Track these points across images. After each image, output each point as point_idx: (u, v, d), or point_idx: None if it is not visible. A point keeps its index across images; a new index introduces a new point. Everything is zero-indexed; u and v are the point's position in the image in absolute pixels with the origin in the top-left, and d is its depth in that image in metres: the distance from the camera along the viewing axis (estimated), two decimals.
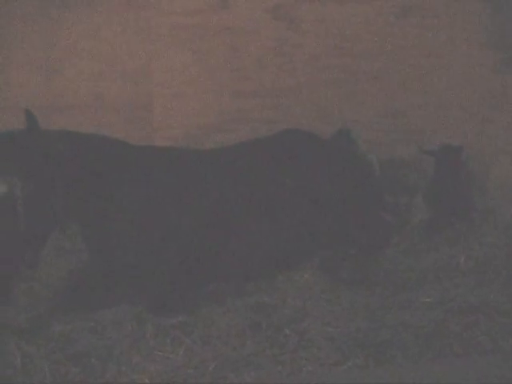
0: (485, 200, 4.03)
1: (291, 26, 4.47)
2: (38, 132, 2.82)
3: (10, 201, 2.74)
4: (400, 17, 4.48)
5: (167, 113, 4.49)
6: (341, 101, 4.54)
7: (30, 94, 4.41)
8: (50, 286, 3.17)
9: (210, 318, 2.92)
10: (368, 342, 2.72)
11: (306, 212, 3.32)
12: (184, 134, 4.48)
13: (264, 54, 4.49)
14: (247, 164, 3.35)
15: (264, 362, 2.64)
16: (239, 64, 4.49)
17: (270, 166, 3.37)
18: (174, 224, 3.05)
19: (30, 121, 2.82)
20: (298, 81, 4.52)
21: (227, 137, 4.46)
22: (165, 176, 3.12)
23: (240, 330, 2.82)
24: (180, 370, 2.64)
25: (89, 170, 2.94)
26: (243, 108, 4.52)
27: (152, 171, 3.10)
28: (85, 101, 4.46)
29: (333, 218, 3.38)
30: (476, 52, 4.47)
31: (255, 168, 3.34)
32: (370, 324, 2.83)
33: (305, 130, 3.73)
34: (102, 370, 2.65)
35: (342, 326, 2.82)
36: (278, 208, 3.28)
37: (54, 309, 2.98)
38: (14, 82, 4.40)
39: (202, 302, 3.02)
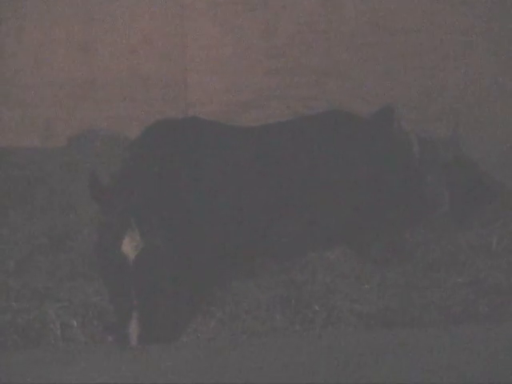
0: None
1: (326, 2, 4.44)
2: None
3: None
4: None
5: (201, 89, 4.53)
6: (377, 78, 4.51)
7: (69, 70, 4.49)
8: (86, 258, 3.26)
9: (241, 292, 2.98)
10: (396, 320, 2.74)
11: (344, 192, 3.33)
12: (218, 110, 4.51)
13: (299, 31, 4.47)
14: (288, 142, 3.37)
15: (293, 337, 2.69)
16: (274, 41, 4.49)
17: (311, 145, 3.39)
18: (214, 201, 3.09)
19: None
20: (334, 58, 4.49)
21: (261, 114, 4.48)
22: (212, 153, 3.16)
23: (270, 305, 2.87)
24: (211, 342, 2.72)
25: None
26: (277, 85, 4.53)
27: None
28: (121, 77, 4.52)
29: (372, 198, 3.38)
30: None
31: (295, 146, 3.36)
32: (399, 303, 2.86)
33: (347, 111, 3.72)
34: None
35: (371, 304, 2.85)
36: (316, 186, 3.30)
37: (90, 280, 3.08)
38: (55, 59, 4.48)
39: (234, 277, 3.08)
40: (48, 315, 2.81)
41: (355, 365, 2.42)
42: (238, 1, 4.46)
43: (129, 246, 2.63)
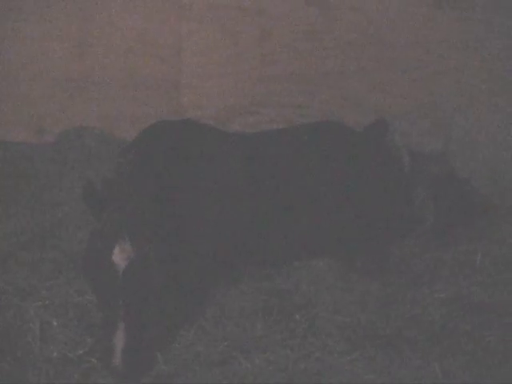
0: (506, 199, 3.99)
1: (324, 11, 4.45)
2: None
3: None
4: (436, 8, 4.43)
5: (195, 93, 4.53)
6: (370, 90, 4.52)
7: (64, 67, 4.48)
8: (71, 257, 3.25)
9: (224, 299, 2.97)
10: (377, 333, 2.74)
11: (331, 202, 3.34)
12: (211, 114, 4.51)
13: (295, 39, 4.48)
14: (278, 151, 3.37)
15: (273, 346, 2.69)
16: (269, 48, 4.49)
17: (301, 154, 3.39)
18: (201, 206, 3.08)
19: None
20: (328, 67, 4.50)
21: (253, 120, 4.48)
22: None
23: (252, 312, 2.87)
24: (191, 348, 2.71)
25: None
26: (271, 92, 4.53)
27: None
28: (115, 76, 4.51)
29: (359, 210, 3.38)
30: None
31: (285, 155, 3.37)
32: (381, 316, 2.86)
33: (340, 122, 3.73)
34: None
35: (353, 316, 2.86)
36: (303, 195, 3.31)
37: (73, 279, 3.06)
38: (50, 55, 4.47)
39: (217, 284, 3.07)
40: (28, 313, 2.79)
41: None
42: (236, 5, 4.46)
43: (119, 256, 2.59)
